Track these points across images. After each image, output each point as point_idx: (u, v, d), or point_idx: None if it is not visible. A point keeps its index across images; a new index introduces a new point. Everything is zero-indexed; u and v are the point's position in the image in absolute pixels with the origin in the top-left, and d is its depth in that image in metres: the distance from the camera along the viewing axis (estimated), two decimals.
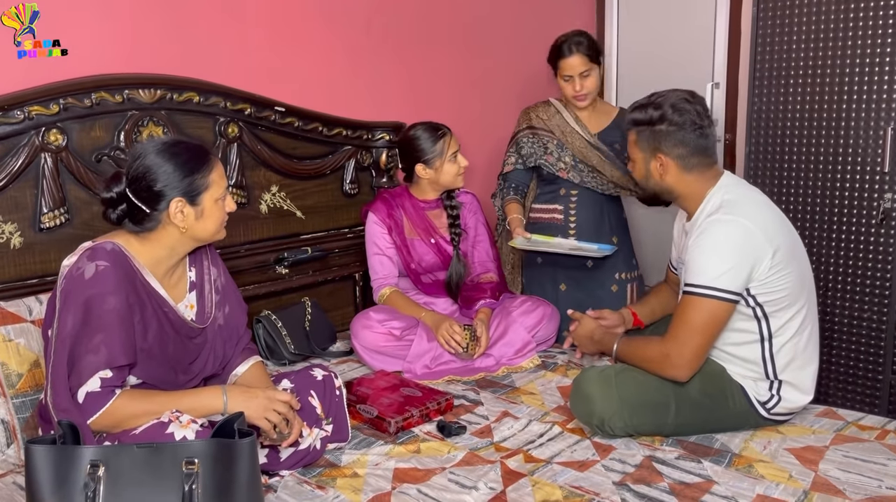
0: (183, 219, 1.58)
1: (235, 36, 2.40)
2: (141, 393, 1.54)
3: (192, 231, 1.61)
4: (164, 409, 1.49)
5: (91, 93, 2.08)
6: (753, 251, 1.79)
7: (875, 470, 1.67)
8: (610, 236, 2.70)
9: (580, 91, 2.58)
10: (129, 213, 1.59)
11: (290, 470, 1.71)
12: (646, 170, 1.95)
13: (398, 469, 1.72)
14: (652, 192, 2.02)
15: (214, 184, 1.61)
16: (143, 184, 1.56)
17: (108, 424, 1.48)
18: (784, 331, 1.86)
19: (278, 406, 1.58)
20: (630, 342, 2.01)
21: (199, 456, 1.29)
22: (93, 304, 1.49)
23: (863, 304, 2.60)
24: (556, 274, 2.75)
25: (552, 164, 2.69)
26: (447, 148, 2.44)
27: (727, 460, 1.74)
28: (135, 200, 1.57)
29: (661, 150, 1.89)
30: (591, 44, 2.58)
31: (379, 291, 2.49)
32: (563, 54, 2.57)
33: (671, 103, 1.88)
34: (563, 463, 1.74)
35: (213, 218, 1.62)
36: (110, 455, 1.28)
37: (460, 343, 2.30)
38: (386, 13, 2.80)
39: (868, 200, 2.54)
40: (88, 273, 1.50)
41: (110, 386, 1.48)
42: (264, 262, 2.52)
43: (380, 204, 2.54)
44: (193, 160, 1.59)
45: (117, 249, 1.56)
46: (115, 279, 1.52)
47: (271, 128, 2.49)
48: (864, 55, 2.48)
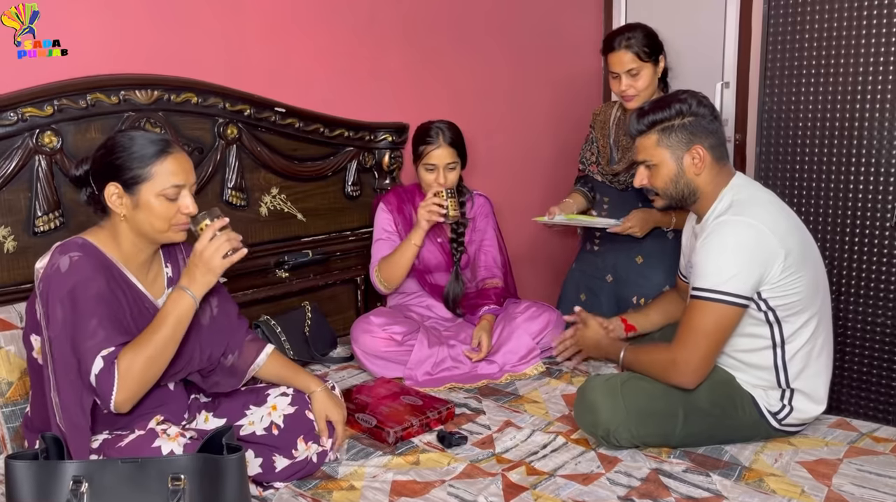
0: (120, 206, 1.54)
1: (234, 35, 2.36)
2: (130, 347, 1.47)
3: (134, 222, 1.56)
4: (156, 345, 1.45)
5: (86, 94, 2.04)
6: (764, 253, 1.73)
7: (891, 485, 1.60)
8: (635, 256, 2.51)
9: (625, 91, 2.37)
10: (93, 196, 1.59)
11: (285, 483, 1.66)
12: (677, 170, 1.84)
13: (396, 481, 1.68)
14: (678, 199, 1.89)
15: (158, 178, 1.53)
16: (95, 165, 1.57)
17: (128, 393, 1.42)
18: (797, 337, 1.80)
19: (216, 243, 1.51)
20: (637, 349, 1.96)
21: (185, 472, 1.25)
22: (77, 293, 1.45)
23: (876, 309, 2.54)
24: (581, 282, 2.66)
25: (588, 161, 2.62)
26: (426, 154, 2.39)
27: (737, 473, 1.68)
28: (92, 181, 1.57)
29: (696, 141, 1.82)
30: (644, 40, 2.34)
31: (374, 269, 2.45)
32: (611, 48, 2.37)
33: (692, 94, 1.84)
34: (566, 476, 1.69)
35: (154, 213, 1.54)
36: (94, 470, 1.24)
37: (440, 203, 2.27)
38: (389, 11, 2.75)
39: (882, 202, 2.48)
40: (64, 265, 1.47)
41: (111, 358, 1.43)
42: (264, 266, 2.48)
43: (391, 196, 2.53)
44: (142, 148, 1.54)
45: (88, 243, 1.54)
46: (91, 266, 1.49)
47: (271, 130, 2.45)
48: (878, 53, 2.41)
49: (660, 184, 1.89)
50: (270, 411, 1.72)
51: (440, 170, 2.39)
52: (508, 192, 3.18)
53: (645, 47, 2.35)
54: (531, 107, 3.34)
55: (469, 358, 2.32)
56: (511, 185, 3.24)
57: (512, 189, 3.23)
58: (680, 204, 1.91)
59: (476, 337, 2.35)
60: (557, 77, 3.40)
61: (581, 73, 3.50)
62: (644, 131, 1.87)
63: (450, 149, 2.39)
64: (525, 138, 3.33)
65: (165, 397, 1.64)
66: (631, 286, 2.52)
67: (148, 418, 1.58)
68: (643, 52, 2.34)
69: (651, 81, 2.38)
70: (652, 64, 2.37)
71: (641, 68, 2.35)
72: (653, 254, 2.49)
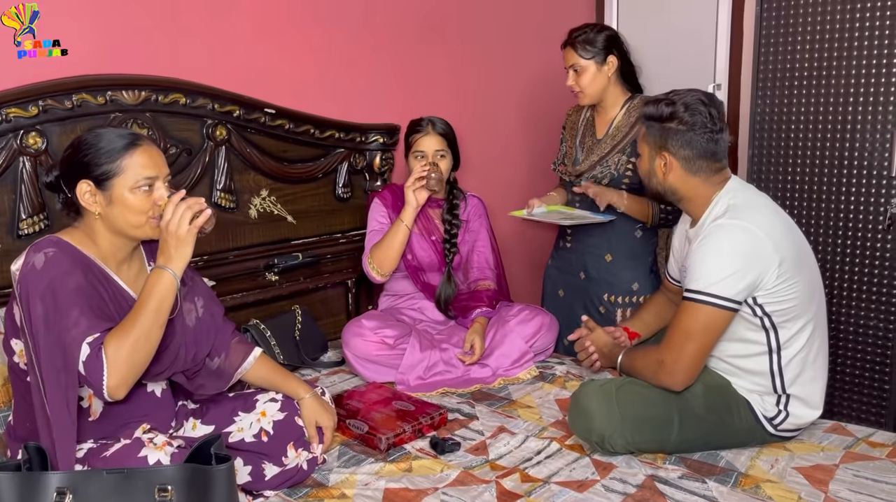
0: (94, 204, 1.51)
1: (224, 36, 2.33)
2: (115, 331, 1.42)
3: (110, 219, 1.52)
4: (142, 325, 1.40)
5: (72, 94, 2.00)
6: (759, 258, 1.72)
7: (887, 491, 1.59)
8: (604, 254, 2.52)
9: (571, 86, 2.44)
10: (69, 200, 1.55)
11: (276, 491, 1.63)
12: (649, 167, 1.89)
13: (388, 489, 1.65)
14: (654, 193, 1.94)
15: (129, 171, 1.50)
16: (64, 167, 1.53)
17: (120, 375, 1.38)
18: (793, 343, 1.78)
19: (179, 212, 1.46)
20: (632, 353, 1.95)
21: (172, 483, 1.22)
22: (55, 286, 1.41)
23: (869, 313, 2.53)
24: (558, 279, 2.67)
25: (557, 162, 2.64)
26: (415, 142, 2.43)
27: (733, 480, 1.67)
28: (62, 184, 1.53)
29: (667, 149, 1.83)
30: (590, 40, 2.37)
31: (366, 257, 2.43)
32: (563, 44, 2.45)
33: (684, 102, 1.81)
34: (561, 483, 1.67)
35: (128, 208, 1.51)
36: (78, 481, 1.20)
37: (427, 175, 2.30)
38: (380, 12, 2.73)
39: (875, 205, 2.47)
40: (39, 263, 1.43)
41: (98, 344, 1.39)
42: (253, 269, 2.45)
43: (386, 191, 2.53)
44: (110, 143, 1.51)
45: (62, 241, 1.51)
46: (67, 260, 1.45)
47: (261, 131, 2.42)
48: (871, 56, 2.41)
49: (640, 174, 1.96)
50: (259, 417, 1.69)
51: (429, 157, 2.41)
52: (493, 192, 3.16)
53: (589, 46, 2.38)
54: (518, 107, 3.32)
55: (462, 361, 2.29)
56: (496, 185, 3.22)
57: (497, 188, 3.21)
58: (657, 198, 1.97)
59: (468, 340, 2.33)
60: (550, 77, 3.38)
61: None
62: (641, 121, 1.92)
63: (438, 138, 2.43)
64: (511, 138, 3.31)
65: (152, 404, 1.60)
66: (602, 284, 2.53)
67: (134, 426, 1.54)
68: (585, 52, 2.38)
69: (594, 80, 2.41)
70: (595, 63, 2.39)
71: (584, 66, 2.39)
72: (621, 252, 2.50)
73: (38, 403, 1.40)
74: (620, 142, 2.42)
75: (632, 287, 2.49)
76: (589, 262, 2.55)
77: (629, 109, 2.44)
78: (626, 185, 2.41)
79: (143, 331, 1.41)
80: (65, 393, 1.38)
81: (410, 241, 2.43)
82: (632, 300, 2.50)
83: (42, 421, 1.39)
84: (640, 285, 2.49)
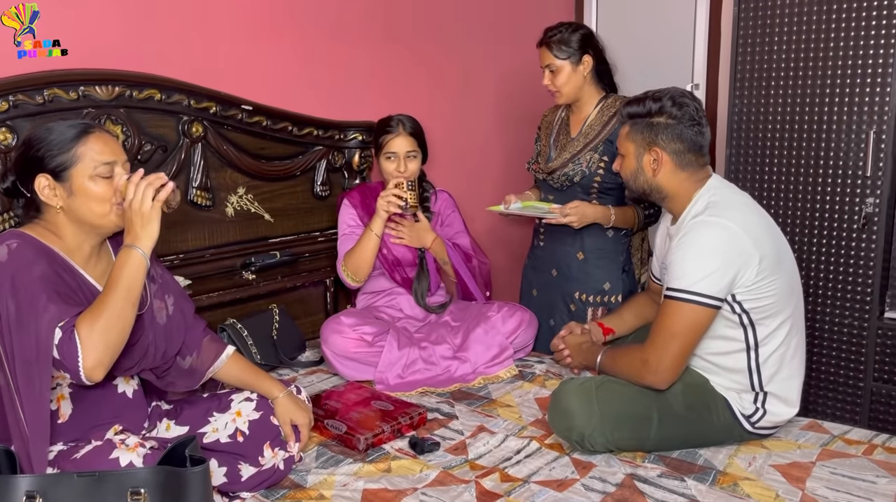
0: (54, 198, 1.47)
1: (201, 32, 2.29)
2: (86, 313, 1.38)
3: (73, 211, 1.49)
4: (114, 305, 1.37)
5: (43, 89, 1.95)
6: (738, 255, 1.72)
7: (864, 489, 1.60)
8: (576, 252, 2.50)
9: (547, 86, 2.43)
10: (28, 202, 1.51)
11: (252, 492, 1.61)
12: (637, 166, 1.87)
13: (367, 490, 1.63)
14: (639, 192, 1.92)
15: (86, 159, 1.47)
16: (20, 165, 1.49)
17: (97, 355, 1.34)
18: (771, 340, 1.79)
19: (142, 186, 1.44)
20: (612, 352, 1.95)
21: (145, 486, 1.19)
22: (19, 279, 1.37)
23: (843, 310, 2.56)
24: (533, 277, 2.67)
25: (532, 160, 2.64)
26: (386, 143, 2.41)
27: (711, 478, 1.67)
28: (20, 185, 1.49)
29: (658, 144, 1.83)
30: (564, 40, 2.37)
31: (340, 264, 2.44)
32: (538, 43, 2.45)
33: (671, 96, 1.83)
34: (540, 483, 1.66)
35: (91, 196, 1.48)
36: (48, 484, 1.17)
37: (399, 195, 2.28)
38: (358, 9, 2.71)
39: (850, 205, 2.50)
40: (3, 255, 1.39)
41: (69, 327, 1.34)
42: (230, 268, 2.41)
43: (355, 192, 2.53)
44: (61, 134, 1.48)
45: (25, 234, 1.47)
46: (30, 251, 1.42)
47: (238, 128, 2.39)
48: (847, 57, 2.43)
49: (624, 174, 1.94)
50: (235, 417, 1.67)
51: (401, 158, 2.40)
52: (469, 187, 3.15)
53: (564, 46, 2.38)
54: (495, 104, 3.31)
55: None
56: (471, 181, 3.22)
57: (472, 184, 3.21)
58: (643, 198, 1.95)
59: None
60: (527, 75, 3.38)
61: None
62: (622, 121, 1.91)
63: (409, 139, 2.42)
64: (487, 134, 3.30)
65: (123, 405, 1.57)
66: (573, 282, 2.52)
67: (105, 428, 1.50)
68: (559, 51, 2.38)
69: (569, 79, 2.40)
70: (570, 63, 2.39)
71: (559, 66, 2.39)
72: (593, 251, 2.49)
73: (9, 403, 1.36)
74: (593, 141, 2.42)
75: (603, 286, 2.48)
76: (561, 260, 2.55)
77: (603, 108, 2.45)
78: (598, 184, 2.41)
79: (114, 310, 1.37)
80: (39, 390, 1.34)
81: (384, 238, 2.43)
82: (603, 299, 2.49)
83: (13, 422, 1.35)
84: (611, 285, 2.48)
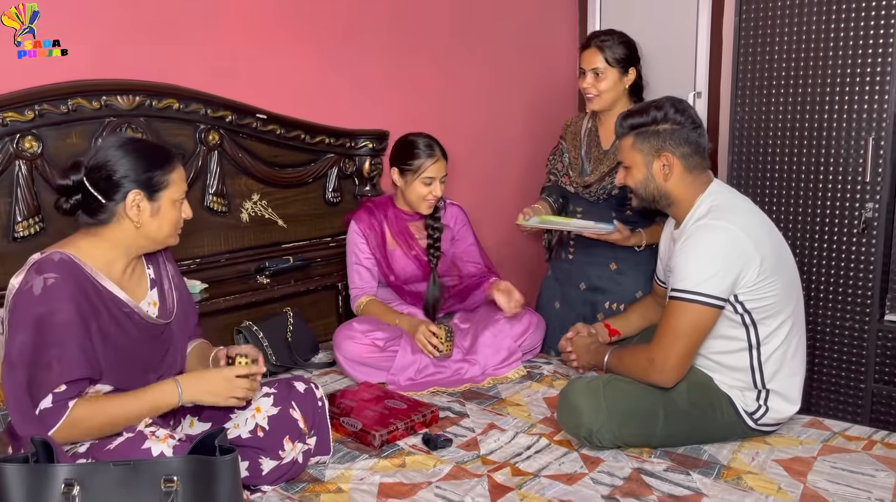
0: (138, 214, 1.55)
1: (217, 42, 2.36)
2: (96, 400, 1.50)
3: (146, 229, 1.57)
4: (122, 414, 1.49)
5: (67, 99, 2.03)
6: (740, 257, 1.78)
7: (863, 482, 1.66)
8: (609, 263, 2.51)
9: (587, 89, 2.42)
10: (84, 204, 1.55)
11: (273, 486, 1.67)
12: (646, 174, 1.91)
13: (383, 483, 1.69)
14: (649, 201, 1.96)
15: (174, 185, 1.59)
16: (103, 173, 1.54)
17: (69, 436, 1.46)
18: (772, 339, 1.85)
19: (239, 382, 1.58)
20: (619, 352, 2.00)
21: (178, 474, 1.25)
22: (43, 321, 1.44)
23: (844, 313, 2.61)
24: (556, 290, 2.68)
25: (560, 172, 2.62)
26: (424, 168, 2.37)
27: (716, 472, 1.73)
28: (92, 190, 1.54)
29: (667, 149, 1.88)
30: (617, 47, 2.39)
31: (356, 301, 2.47)
32: (587, 45, 2.44)
33: (671, 103, 1.89)
34: (550, 477, 1.72)
35: (167, 218, 1.59)
36: (85, 473, 1.23)
37: (437, 346, 2.28)
38: (369, 20, 2.77)
39: (850, 210, 2.55)
40: (37, 288, 1.45)
41: (63, 399, 1.44)
42: (245, 272, 2.48)
43: (362, 213, 2.50)
44: (156, 157, 1.58)
45: (66, 258, 1.51)
46: (65, 291, 1.47)
47: (252, 136, 2.46)
48: (846, 65, 2.49)
49: (632, 184, 1.97)
50: (255, 413, 1.72)
51: (437, 182, 2.40)
52: (483, 198, 3.21)
53: (615, 54, 2.40)
54: (506, 113, 3.37)
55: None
56: (486, 191, 3.28)
57: (486, 195, 3.27)
58: (652, 205, 1.98)
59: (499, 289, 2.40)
60: (531, 83, 3.45)
61: (555, 80, 3.54)
62: (624, 133, 1.95)
63: (444, 163, 2.42)
64: (500, 144, 3.36)
65: None
66: (605, 293, 2.54)
67: None
68: (611, 57, 2.40)
69: (613, 87, 2.42)
70: (618, 71, 2.41)
71: (606, 71, 2.40)
72: (627, 260, 2.50)
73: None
74: None
75: (635, 295, 2.48)
76: (592, 272, 2.55)
77: None
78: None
79: (120, 417, 1.49)
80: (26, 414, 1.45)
81: (395, 260, 2.47)
82: None
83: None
84: (643, 293, 2.47)
